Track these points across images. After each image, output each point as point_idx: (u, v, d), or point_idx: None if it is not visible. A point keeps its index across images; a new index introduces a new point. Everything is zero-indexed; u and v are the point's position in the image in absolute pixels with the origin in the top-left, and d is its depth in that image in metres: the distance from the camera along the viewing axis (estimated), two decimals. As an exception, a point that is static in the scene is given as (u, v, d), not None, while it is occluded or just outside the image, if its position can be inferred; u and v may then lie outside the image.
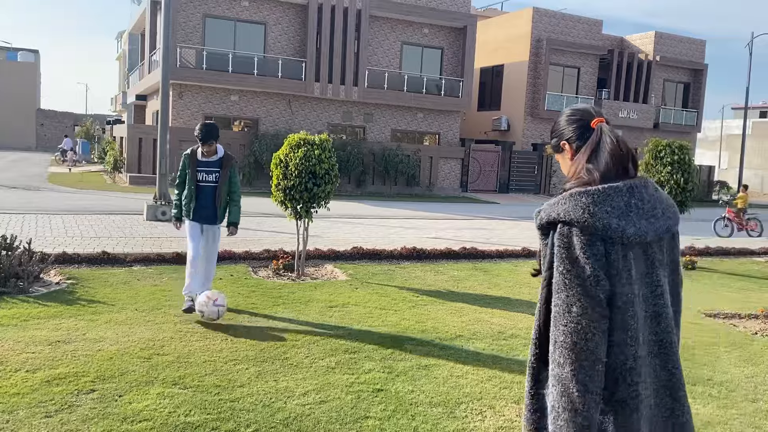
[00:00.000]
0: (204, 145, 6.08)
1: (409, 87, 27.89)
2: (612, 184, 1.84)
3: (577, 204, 1.81)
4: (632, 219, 1.81)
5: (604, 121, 1.98)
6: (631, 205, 1.82)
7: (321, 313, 6.39)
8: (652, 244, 1.87)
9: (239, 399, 4.14)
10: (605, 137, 1.92)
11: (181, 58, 23.97)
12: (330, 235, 12.13)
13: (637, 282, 1.82)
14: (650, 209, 1.86)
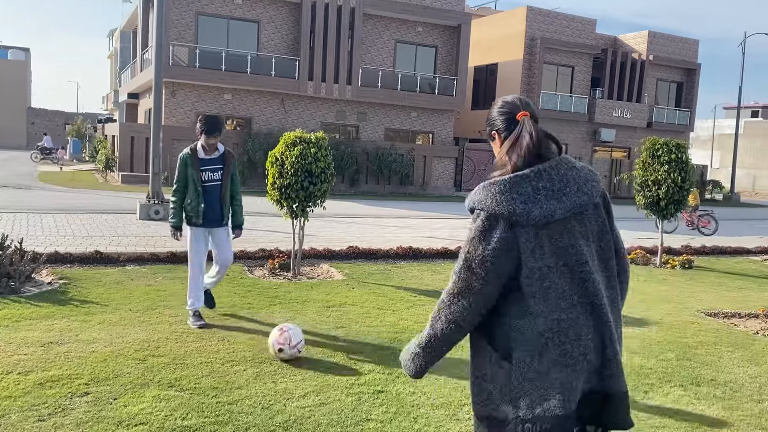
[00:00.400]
0: (210, 138, 5.66)
1: (403, 86, 27.81)
2: (520, 173, 2.07)
3: (488, 193, 2.07)
4: (540, 201, 2.03)
5: (528, 114, 2.19)
6: (539, 188, 2.05)
7: (318, 313, 6.30)
8: (569, 220, 2.08)
9: (237, 401, 4.04)
10: (524, 130, 2.14)
11: (174, 56, 23.80)
12: (325, 234, 12.04)
13: (556, 255, 2.04)
14: (560, 189, 2.07)
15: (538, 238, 2.04)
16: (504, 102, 2.26)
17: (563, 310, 2.04)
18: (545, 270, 2.04)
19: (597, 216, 2.16)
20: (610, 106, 33.23)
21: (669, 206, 10.26)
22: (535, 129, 2.14)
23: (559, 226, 2.06)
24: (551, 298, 2.03)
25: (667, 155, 10.26)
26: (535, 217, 2.02)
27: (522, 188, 2.05)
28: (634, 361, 5.28)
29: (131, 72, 31.98)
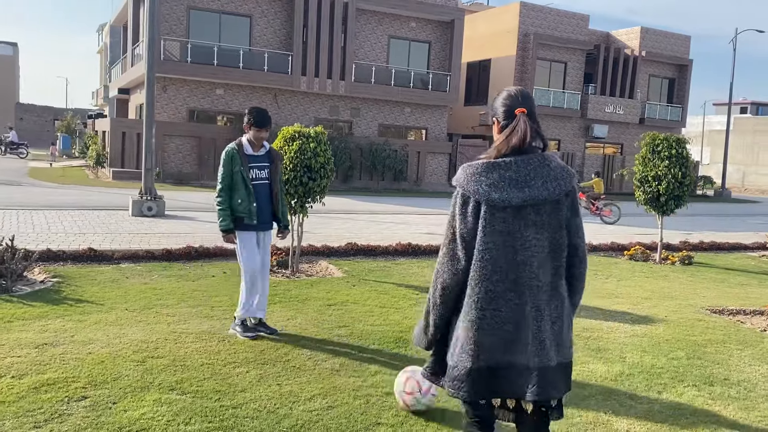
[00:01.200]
0: (261, 132, 5.22)
1: (397, 81, 27.66)
2: (495, 160, 2.41)
3: (463, 173, 2.45)
4: (502, 188, 2.36)
5: (525, 111, 2.47)
6: (505, 177, 2.38)
7: (320, 311, 6.15)
8: (525, 208, 2.38)
9: (241, 405, 3.90)
10: (520, 125, 2.43)
11: (165, 50, 23.52)
12: (321, 230, 11.88)
13: (504, 235, 2.38)
14: (524, 181, 2.37)
15: (494, 217, 2.38)
16: (507, 94, 2.55)
17: (493, 283, 2.39)
18: (491, 245, 2.39)
19: (556, 210, 2.42)
20: (602, 102, 33.22)
21: (669, 202, 10.17)
22: (527, 128, 2.43)
23: (513, 211, 2.39)
24: (487, 270, 2.39)
25: (668, 150, 10.16)
26: (493, 200, 2.37)
27: (491, 174, 2.40)
28: (645, 360, 5.17)
29: (121, 67, 31.62)
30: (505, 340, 2.39)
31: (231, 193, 5.19)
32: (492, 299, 2.38)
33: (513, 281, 2.39)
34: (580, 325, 6.16)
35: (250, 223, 5.21)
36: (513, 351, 2.39)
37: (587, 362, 5.06)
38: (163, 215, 13.02)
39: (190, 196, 18.52)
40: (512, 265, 2.39)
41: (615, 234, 13.69)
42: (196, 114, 25.39)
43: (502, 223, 2.38)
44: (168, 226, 11.42)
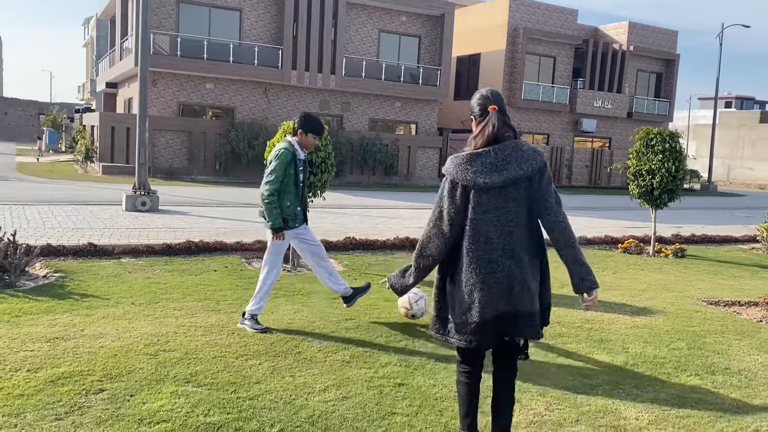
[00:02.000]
0: (317, 139, 5.41)
1: (387, 75, 27.67)
2: (477, 151, 2.99)
3: (452, 163, 3.04)
4: (485, 173, 2.95)
5: (496, 108, 3.03)
6: (486, 163, 2.96)
7: (325, 305, 6.20)
8: (506, 187, 2.96)
9: (258, 396, 3.95)
10: (490, 122, 3.00)
11: (155, 44, 23.37)
12: (316, 225, 11.91)
13: (491, 212, 2.96)
14: (502, 165, 2.95)
15: (480, 198, 2.97)
16: (480, 95, 3.12)
17: (487, 251, 2.97)
18: (481, 221, 2.97)
19: (530, 186, 2.99)
20: (591, 97, 33.43)
21: (663, 195, 10.31)
22: (497, 121, 2.99)
23: (497, 191, 2.96)
24: (480, 242, 2.97)
25: (661, 144, 10.30)
26: (479, 184, 2.95)
27: (474, 163, 2.97)
28: (647, 351, 5.28)
29: (109, 61, 31.37)
30: (502, 294, 2.97)
31: (281, 194, 5.24)
32: (487, 264, 2.96)
33: (503, 248, 2.96)
34: (581, 316, 6.26)
35: (293, 226, 5.34)
36: (509, 302, 2.98)
37: (591, 353, 5.15)
38: (157, 210, 13.00)
39: (181, 190, 18.46)
40: (501, 234, 2.96)
41: (608, 227, 13.85)
42: (186, 108, 25.27)
43: (489, 202, 2.96)
44: (163, 221, 11.41)
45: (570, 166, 33.00)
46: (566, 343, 5.42)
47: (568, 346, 5.33)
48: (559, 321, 6.07)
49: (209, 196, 17.41)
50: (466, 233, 2.98)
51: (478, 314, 2.98)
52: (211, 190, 19.59)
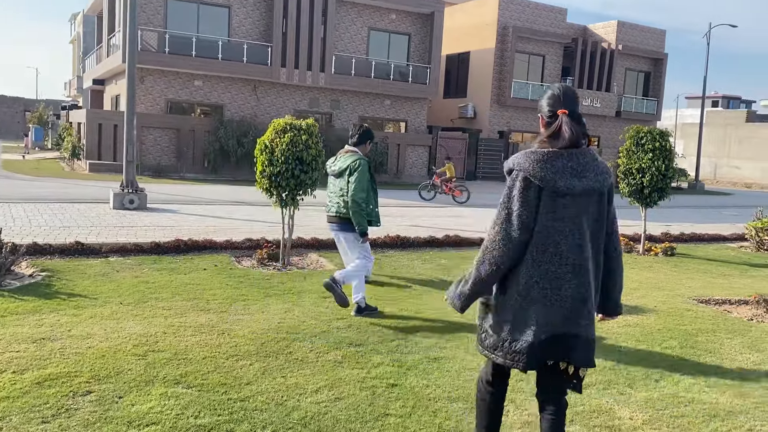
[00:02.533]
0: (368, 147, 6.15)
1: (377, 73, 27.60)
2: (557, 150, 2.65)
3: (527, 159, 2.65)
4: (565, 176, 2.62)
5: (566, 112, 2.69)
6: (567, 166, 2.63)
7: (316, 304, 6.15)
8: (582, 196, 2.65)
9: (249, 398, 3.89)
10: (564, 128, 2.67)
11: (143, 41, 23.15)
12: (306, 223, 11.83)
13: (564, 220, 2.64)
14: (581, 171, 2.65)
15: (555, 203, 2.63)
16: (551, 94, 2.76)
17: (555, 264, 2.64)
18: (552, 230, 2.64)
19: (600, 202, 2.73)
20: (580, 95, 33.48)
21: (653, 194, 10.34)
22: (573, 127, 2.66)
23: (572, 199, 2.64)
24: (549, 253, 2.64)
25: (651, 143, 10.31)
26: (559, 187, 2.61)
27: (555, 162, 2.63)
28: (640, 349, 5.27)
29: (96, 57, 31.07)
30: (564, 315, 2.66)
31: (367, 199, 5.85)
32: (553, 279, 2.64)
33: (572, 263, 2.65)
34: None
35: (376, 225, 6.09)
36: (570, 324, 2.67)
37: (584, 352, 5.13)
38: (145, 208, 12.87)
39: (170, 188, 18.31)
40: (571, 247, 2.65)
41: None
42: (174, 106, 25.07)
43: (563, 209, 2.63)
44: (152, 219, 11.30)
45: (559, 165, 33.04)
46: (559, 342, 5.39)
47: (561, 345, 5.30)
48: (552, 320, 6.04)
49: (198, 194, 17.29)
50: (535, 240, 2.64)
51: (533, 334, 2.65)
52: (200, 188, 19.46)
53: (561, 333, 2.67)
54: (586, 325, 2.68)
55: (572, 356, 2.71)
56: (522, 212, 2.62)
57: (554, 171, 2.60)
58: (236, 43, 24.85)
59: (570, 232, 2.64)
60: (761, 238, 11.89)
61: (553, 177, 2.59)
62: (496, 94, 31.67)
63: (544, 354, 2.69)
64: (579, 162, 2.64)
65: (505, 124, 32.25)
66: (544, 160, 2.62)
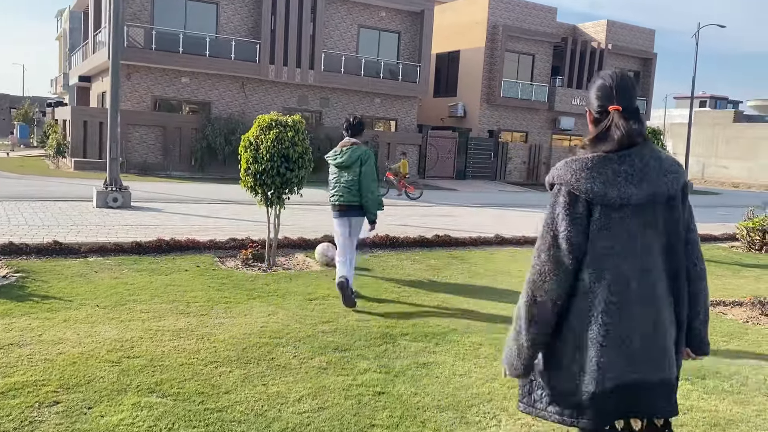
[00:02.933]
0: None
1: (366, 71, 27.38)
2: (605, 154, 2.14)
3: (569, 169, 2.16)
4: (618, 184, 2.11)
5: (620, 109, 2.18)
6: (620, 171, 2.12)
7: (301, 306, 5.94)
8: (643, 206, 2.13)
9: (227, 408, 3.68)
10: (613, 129, 2.16)
11: (129, 37, 22.82)
12: (293, 222, 11.61)
13: (625, 238, 2.12)
14: (640, 175, 2.13)
15: (609, 219, 2.12)
16: (601, 85, 2.25)
17: (615, 293, 2.11)
18: (609, 251, 2.12)
19: (671, 208, 2.20)
20: (569, 95, 33.46)
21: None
22: (626, 127, 2.15)
23: (631, 211, 2.13)
24: (607, 279, 2.11)
25: (644, 142, 10.18)
26: (610, 199, 2.10)
27: (603, 169, 2.13)
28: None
29: (82, 54, 30.65)
30: (631, 355, 2.11)
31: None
32: (614, 311, 2.11)
33: (635, 290, 2.13)
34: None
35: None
36: (639, 366, 2.13)
37: (578, 357, 4.96)
38: (129, 207, 12.59)
39: (155, 186, 18.02)
40: (634, 272, 2.13)
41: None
42: (160, 103, 24.74)
43: (620, 225, 2.13)
44: (135, 218, 11.03)
45: (548, 164, 32.97)
46: (552, 346, 5.21)
47: (554, 349, 5.12)
48: (544, 323, 5.87)
49: (184, 192, 17.01)
50: (588, 265, 2.13)
51: (595, 382, 2.11)
52: (186, 186, 19.17)
53: (630, 381, 2.12)
54: (661, 367, 2.16)
55: (649, 407, 2.19)
56: (569, 233, 2.12)
57: (603, 180, 2.11)
58: (224, 39, 24.55)
59: (631, 252, 2.13)
60: (752, 238, 11.80)
61: (602, 188, 2.10)
62: (486, 93, 31.54)
63: (614, 408, 2.15)
64: (635, 164, 2.14)
65: (494, 123, 32.13)
66: (589, 168, 2.13)
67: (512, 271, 8.28)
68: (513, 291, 7.16)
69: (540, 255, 2.17)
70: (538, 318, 2.16)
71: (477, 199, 20.74)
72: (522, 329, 2.20)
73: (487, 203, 19.52)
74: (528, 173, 32.29)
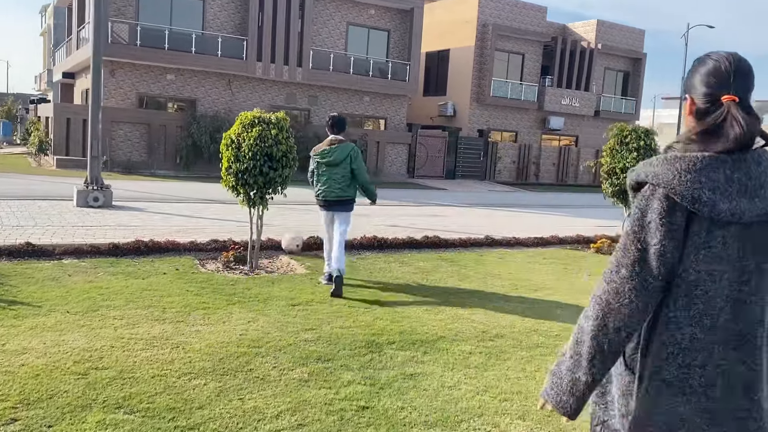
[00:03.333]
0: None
1: (355, 69, 27.12)
2: (718, 155, 1.68)
3: (670, 168, 1.69)
4: (730, 195, 1.66)
5: (737, 99, 1.72)
6: (733, 179, 1.66)
7: (283, 313, 5.68)
8: (752, 226, 1.68)
9: (200, 425, 3.42)
10: (732, 123, 1.69)
11: (113, 33, 22.42)
12: (279, 223, 11.35)
13: (724, 262, 1.67)
14: (756, 187, 1.68)
15: (712, 237, 1.67)
16: (716, 68, 1.76)
17: (703, 328, 1.68)
18: (704, 276, 1.68)
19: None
20: (559, 95, 33.36)
21: (637, 195, 10.01)
22: (747, 122, 1.68)
23: (738, 230, 1.67)
24: (696, 309, 1.68)
25: (636, 142, 10.01)
26: (720, 212, 1.64)
27: (714, 173, 1.67)
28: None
29: (66, 50, 30.15)
30: (714, 411, 1.68)
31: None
32: (700, 351, 1.68)
33: (729, 329, 1.70)
34: (559, 325, 5.86)
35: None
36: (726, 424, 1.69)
37: (572, 366, 4.74)
38: (110, 206, 12.27)
39: (139, 185, 17.67)
40: (730, 305, 1.70)
41: (579, 227, 13.57)
42: (145, 100, 24.34)
43: (723, 246, 1.68)
44: (116, 218, 10.72)
45: (537, 164, 32.89)
46: (545, 354, 5.00)
47: (548, 358, 4.90)
48: (536, 329, 5.65)
49: (168, 191, 16.68)
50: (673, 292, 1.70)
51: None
52: (170, 185, 18.83)
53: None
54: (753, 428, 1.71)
55: None
56: (665, 248, 1.67)
57: (712, 188, 1.65)
58: (210, 36, 24.20)
59: (730, 282, 1.69)
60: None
61: (711, 197, 1.65)
62: (476, 92, 31.37)
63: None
64: (751, 172, 1.69)
65: (484, 122, 31.96)
66: (698, 169, 1.67)
67: (502, 273, 8.06)
68: (502, 295, 6.94)
69: (620, 270, 1.72)
70: (608, 350, 1.72)
71: (467, 199, 20.54)
72: (583, 360, 1.75)
73: (476, 203, 19.31)
74: (518, 173, 32.16)
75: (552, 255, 9.81)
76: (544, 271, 8.36)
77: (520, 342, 5.27)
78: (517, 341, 5.28)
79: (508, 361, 4.77)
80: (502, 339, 5.31)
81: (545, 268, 8.58)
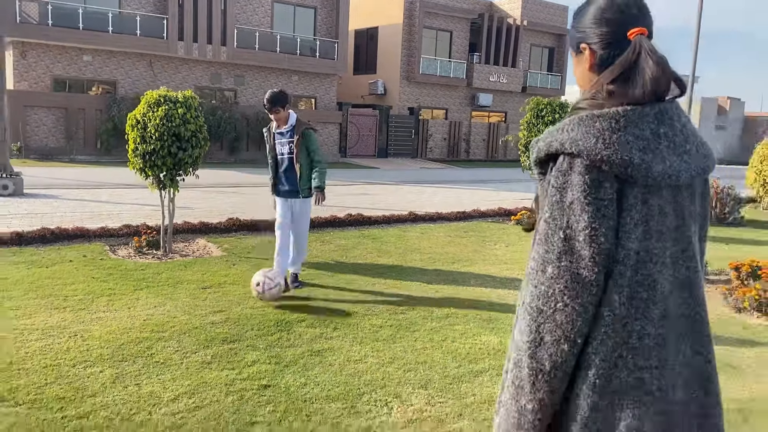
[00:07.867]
0: (271, 114, 5.89)
1: (282, 48, 26.64)
2: (637, 107, 1.38)
3: (589, 130, 1.35)
4: (661, 153, 1.36)
5: (645, 32, 1.44)
6: (660, 134, 1.38)
7: (193, 296, 5.56)
8: (682, 189, 1.43)
9: (89, 414, 3.31)
10: (645, 58, 1.39)
11: (22, 12, 21.22)
12: (202, 206, 11.11)
13: (662, 238, 1.39)
14: (682, 142, 1.41)
15: (647, 207, 1.36)
16: (611, 3, 1.46)
17: (651, 320, 1.36)
18: (643, 256, 1.36)
19: (705, 193, 1.52)
20: (487, 71, 33.75)
21: (554, 167, 10.27)
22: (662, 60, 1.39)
23: (672, 195, 1.40)
24: (641, 300, 1.36)
25: (552, 115, 10.24)
26: (656, 175, 1.35)
27: (640, 130, 1.36)
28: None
29: (-28, 31, 28.39)
30: (674, 413, 1.39)
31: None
32: (651, 348, 1.36)
33: (678, 315, 1.41)
34: (471, 294, 5.96)
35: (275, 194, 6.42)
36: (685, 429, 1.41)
37: (478, 334, 4.83)
38: (21, 194, 11.70)
39: (57, 172, 16.92)
40: (677, 289, 1.41)
41: (502, 199, 13.84)
42: (61, 82, 23.23)
43: (660, 217, 1.38)
44: (26, 206, 10.24)
45: (468, 141, 33.32)
46: (454, 323, 5.08)
47: (456, 327, 4.99)
48: (450, 299, 5.73)
49: (87, 177, 16.04)
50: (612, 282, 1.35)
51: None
52: (90, 170, 18.12)
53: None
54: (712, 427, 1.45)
55: None
56: (596, 231, 1.33)
57: (642, 147, 1.35)
58: (128, 15, 23.24)
59: (672, 260, 1.40)
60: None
61: (643, 158, 1.34)
62: (406, 70, 31.38)
63: None
64: (674, 125, 1.42)
65: (415, 100, 32.05)
66: (622, 127, 1.36)
67: (422, 248, 8.13)
68: (420, 268, 7.01)
69: (545, 268, 1.36)
70: (551, 367, 1.36)
71: (397, 177, 20.62)
72: (525, 383, 1.38)
73: (406, 180, 19.42)
74: (449, 150, 32.47)
75: (472, 228, 9.96)
76: (463, 244, 8.49)
77: (432, 313, 5.33)
78: (428, 312, 5.34)
79: (416, 332, 4.82)
80: (413, 311, 5.36)
81: (464, 241, 8.71)
